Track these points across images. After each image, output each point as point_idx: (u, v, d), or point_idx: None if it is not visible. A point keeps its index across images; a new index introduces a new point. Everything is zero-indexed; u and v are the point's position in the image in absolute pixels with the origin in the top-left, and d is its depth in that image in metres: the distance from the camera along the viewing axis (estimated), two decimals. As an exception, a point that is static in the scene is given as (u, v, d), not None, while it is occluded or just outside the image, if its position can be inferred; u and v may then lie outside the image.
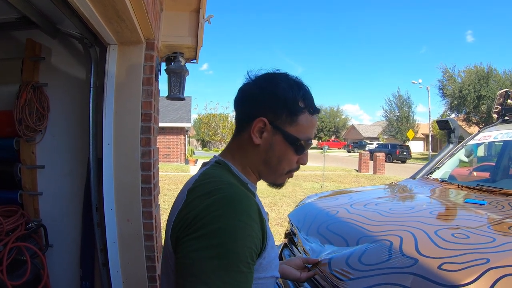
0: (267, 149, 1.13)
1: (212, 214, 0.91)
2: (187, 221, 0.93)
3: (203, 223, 0.90)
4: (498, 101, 4.18)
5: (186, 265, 0.88)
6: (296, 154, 1.14)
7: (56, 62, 2.96)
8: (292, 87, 1.12)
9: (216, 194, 0.96)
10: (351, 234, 2.06)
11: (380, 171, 21.18)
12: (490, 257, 1.49)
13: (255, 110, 1.12)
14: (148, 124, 2.77)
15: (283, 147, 1.12)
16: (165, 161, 24.71)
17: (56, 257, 2.96)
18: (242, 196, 0.97)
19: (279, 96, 1.10)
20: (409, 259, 1.61)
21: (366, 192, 3.35)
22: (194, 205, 0.96)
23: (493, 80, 35.07)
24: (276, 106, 1.10)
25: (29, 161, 2.89)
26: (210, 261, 0.85)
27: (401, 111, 51.97)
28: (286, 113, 1.10)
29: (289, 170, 1.18)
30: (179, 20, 3.52)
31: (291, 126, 1.11)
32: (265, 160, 1.14)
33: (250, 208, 0.95)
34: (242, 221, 0.91)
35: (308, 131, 1.14)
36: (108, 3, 2.00)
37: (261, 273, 1.02)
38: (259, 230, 0.95)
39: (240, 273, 0.87)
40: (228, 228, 0.89)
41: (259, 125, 1.10)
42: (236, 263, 0.87)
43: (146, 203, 2.78)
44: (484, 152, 5.20)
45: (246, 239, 0.90)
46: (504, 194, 2.65)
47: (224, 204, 0.93)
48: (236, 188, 1.00)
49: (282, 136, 1.11)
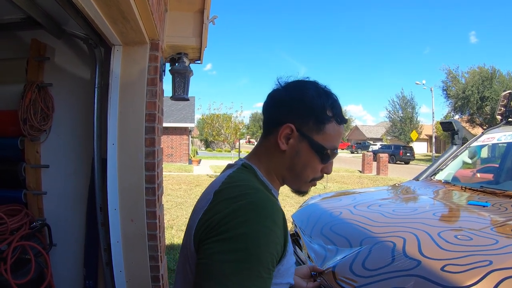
0: (293, 156, 1.13)
1: (238, 219, 0.91)
2: (212, 224, 0.93)
3: (228, 227, 0.90)
4: (502, 102, 4.17)
5: (207, 267, 0.89)
6: (321, 162, 1.15)
7: (61, 62, 2.97)
8: (320, 95, 1.13)
9: (243, 199, 0.96)
10: (355, 235, 2.06)
11: (384, 172, 21.15)
12: (493, 259, 1.49)
13: (283, 116, 1.12)
14: (153, 124, 2.78)
15: (309, 155, 1.12)
16: (169, 161, 24.74)
17: (60, 256, 2.97)
18: (268, 202, 0.97)
19: (308, 104, 1.11)
20: (412, 261, 1.61)
21: (370, 193, 3.35)
22: (220, 208, 0.96)
23: (497, 81, 34.97)
24: (304, 113, 1.11)
25: (34, 161, 2.91)
26: (232, 265, 0.86)
27: (404, 112, 51.79)
28: (313, 120, 1.11)
29: (313, 178, 1.18)
30: (184, 21, 3.53)
31: (318, 134, 1.11)
32: (290, 166, 1.14)
33: (275, 214, 0.95)
34: (267, 227, 0.92)
35: (334, 141, 1.15)
36: (113, 4, 2.01)
37: (278, 279, 1.02)
38: (282, 236, 0.96)
39: (260, 278, 0.88)
40: (252, 233, 0.89)
41: (286, 131, 1.11)
42: (257, 268, 0.88)
43: (150, 203, 2.79)
44: (487, 153, 5.20)
45: (270, 245, 0.91)
46: (508, 196, 2.64)
47: (250, 209, 0.93)
48: (262, 193, 1.01)
49: (308, 144, 1.11)
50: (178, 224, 7.83)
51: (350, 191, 3.69)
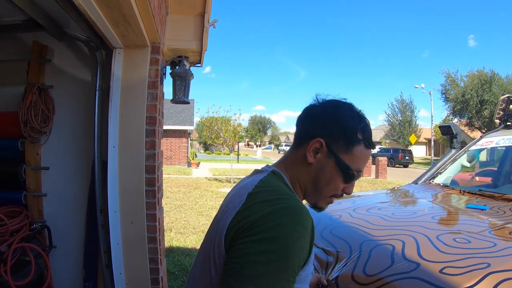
0: (318, 170, 1.16)
1: (274, 221, 0.94)
2: (247, 224, 0.96)
3: (263, 228, 0.93)
4: (500, 106, 4.19)
5: (239, 266, 0.92)
6: (344, 182, 1.18)
7: (62, 65, 2.98)
8: (354, 117, 1.17)
9: (279, 203, 0.99)
10: (354, 239, 2.07)
11: (382, 176, 21.14)
12: (491, 261, 1.50)
13: (315, 130, 1.16)
14: (153, 127, 2.79)
15: (334, 172, 1.15)
16: (168, 164, 24.71)
17: (60, 258, 2.97)
18: (301, 209, 1.00)
19: (341, 123, 1.15)
20: (411, 263, 1.63)
21: (369, 196, 3.37)
22: (256, 209, 0.99)
23: (496, 84, 34.97)
24: (335, 131, 1.14)
25: (34, 162, 2.91)
26: (263, 266, 0.89)
27: (403, 115, 51.77)
28: (343, 140, 1.14)
29: (333, 195, 1.21)
30: (184, 24, 3.54)
31: (345, 154, 1.14)
32: (314, 180, 1.18)
33: (307, 221, 0.98)
34: (299, 232, 0.95)
35: (360, 163, 1.17)
36: (115, 7, 2.02)
37: (299, 284, 1.03)
38: (309, 242, 0.99)
39: (287, 281, 0.91)
40: (286, 237, 0.92)
41: (315, 145, 1.14)
42: (286, 272, 0.91)
43: (150, 205, 2.79)
44: (486, 157, 5.21)
45: (300, 250, 0.94)
46: (506, 199, 2.66)
47: (287, 214, 0.96)
48: (296, 199, 1.05)
49: (334, 161, 1.14)
50: (177, 227, 7.82)
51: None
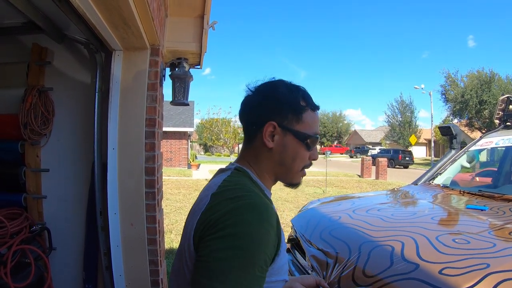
0: (281, 151, 1.18)
1: (237, 217, 0.96)
2: (211, 222, 0.97)
3: (227, 224, 0.95)
4: (500, 107, 4.19)
5: (206, 264, 0.93)
6: (308, 150, 1.21)
7: (62, 67, 2.98)
8: (291, 90, 1.21)
9: (240, 200, 1.01)
10: (354, 240, 2.08)
11: (383, 177, 21.14)
12: (490, 262, 1.51)
13: (262, 116, 1.18)
14: (153, 129, 2.79)
15: (296, 146, 1.18)
16: (168, 166, 24.71)
17: (60, 260, 2.97)
18: (264, 205, 1.02)
19: (282, 99, 1.18)
20: (410, 264, 1.63)
21: (369, 197, 3.37)
22: (219, 207, 1.00)
23: (496, 85, 34.98)
24: (281, 109, 1.17)
25: (34, 165, 2.91)
26: (229, 262, 0.90)
27: (403, 116, 51.84)
28: (291, 113, 1.17)
29: (304, 167, 1.24)
30: (184, 26, 3.54)
31: (298, 124, 1.18)
32: (280, 161, 1.20)
33: (271, 216, 1.00)
34: (264, 227, 0.97)
35: (314, 127, 1.21)
36: (115, 10, 2.03)
37: (273, 276, 1.06)
38: (276, 236, 1.01)
39: (254, 276, 0.92)
40: (251, 232, 0.94)
41: (269, 129, 1.16)
42: (253, 267, 0.92)
43: (150, 207, 2.80)
44: (486, 157, 5.21)
45: (266, 245, 0.96)
46: (506, 199, 2.66)
47: (250, 210, 0.98)
48: (258, 196, 1.06)
49: (292, 135, 1.17)
50: (177, 229, 7.81)
51: (349, 196, 3.70)
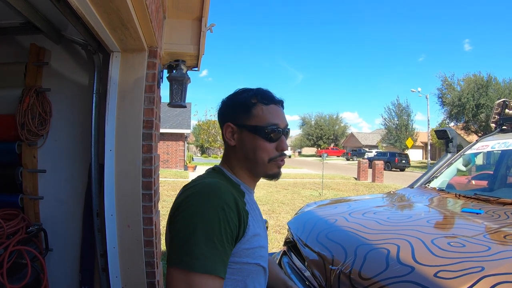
0: (242, 146, 1.31)
1: (193, 199, 1.11)
2: (176, 206, 1.15)
3: (185, 206, 1.11)
4: (496, 110, 4.22)
5: (172, 241, 1.09)
6: (268, 141, 1.29)
7: (59, 68, 2.98)
8: (243, 91, 1.36)
9: (198, 185, 1.18)
10: (350, 243, 2.08)
11: (379, 179, 21.15)
12: (485, 265, 1.51)
13: (223, 120, 1.35)
14: (150, 131, 2.80)
15: (252, 139, 1.29)
16: (164, 167, 24.65)
17: (56, 261, 2.97)
18: (217, 186, 1.16)
19: (233, 102, 1.35)
20: (405, 267, 1.63)
21: (365, 200, 3.37)
22: (183, 194, 1.18)
23: (492, 88, 35.08)
24: (234, 109, 1.33)
25: (31, 165, 2.91)
26: (189, 236, 1.04)
27: (400, 119, 51.96)
28: (242, 111, 1.31)
29: (271, 158, 1.31)
30: (182, 28, 3.55)
31: (250, 119, 1.30)
32: (245, 156, 1.32)
33: (226, 197, 1.13)
34: (216, 206, 1.09)
35: (268, 118, 1.30)
36: (113, 12, 2.03)
37: (244, 258, 1.17)
38: (236, 217, 1.12)
39: (215, 248, 1.05)
40: (203, 210, 1.08)
41: (228, 130, 1.33)
42: (211, 239, 1.04)
43: (147, 209, 2.80)
44: (482, 160, 5.23)
45: (222, 220, 1.07)
46: (501, 203, 2.67)
47: (203, 191, 1.13)
48: (214, 181, 1.20)
49: (246, 130, 1.30)
50: (173, 230, 7.79)
51: (345, 199, 3.70)
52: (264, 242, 1.28)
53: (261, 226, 1.29)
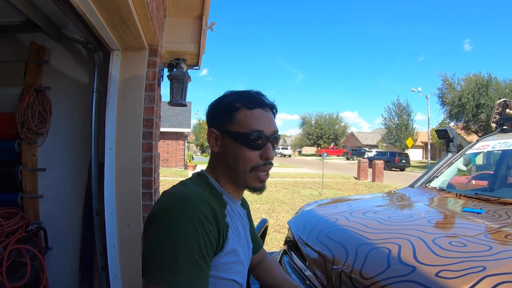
0: (224, 153, 1.24)
1: (169, 211, 1.05)
2: (152, 216, 1.08)
3: (161, 218, 1.04)
4: (496, 110, 4.21)
5: (146, 254, 1.04)
6: (250, 149, 1.21)
7: (59, 66, 2.98)
8: (227, 95, 1.29)
9: (175, 195, 1.12)
10: (351, 242, 2.07)
11: (379, 179, 21.14)
12: (487, 265, 1.51)
13: (208, 125, 1.29)
14: (150, 129, 2.79)
15: (234, 145, 1.22)
16: (164, 166, 24.66)
17: (56, 260, 2.97)
18: (195, 199, 1.09)
19: (216, 106, 1.29)
20: (407, 267, 1.63)
21: (365, 200, 3.36)
22: (158, 204, 1.12)
23: (493, 88, 35.06)
24: (216, 114, 1.28)
25: (31, 164, 2.90)
26: (169, 251, 0.99)
27: (400, 119, 51.94)
28: (224, 116, 1.24)
29: (253, 167, 1.22)
30: (182, 27, 3.54)
31: (232, 124, 1.22)
32: (227, 163, 1.25)
33: (201, 208, 1.06)
34: (193, 217, 1.03)
35: (251, 124, 1.22)
36: (114, 10, 2.03)
37: (220, 272, 1.14)
38: (215, 229, 1.08)
39: (193, 262, 1.00)
40: (180, 223, 1.02)
41: (211, 135, 1.26)
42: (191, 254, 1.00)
43: (147, 208, 2.79)
44: (482, 160, 5.22)
45: (198, 233, 1.02)
46: (502, 203, 2.66)
47: (179, 203, 1.07)
48: (193, 192, 1.13)
49: (228, 136, 1.22)
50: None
51: (346, 198, 3.69)
52: (243, 257, 1.23)
53: (242, 239, 1.26)
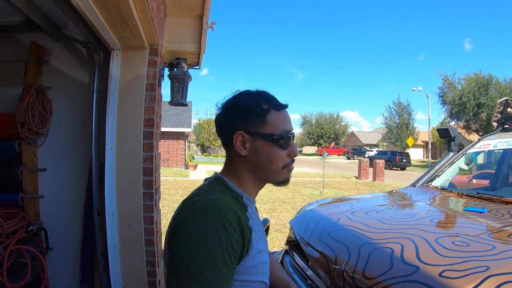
0: (255, 156, 1.23)
1: (193, 219, 1.05)
2: (175, 225, 1.08)
3: (185, 227, 1.04)
4: (498, 109, 4.20)
5: (173, 263, 1.02)
6: (282, 148, 1.24)
7: (60, 66, 2.97)
8: (251, 96, 1.27)
9: (199, 203, 1.10)
10: (353, 242, 2.07)
11: (380, 178, 21.15)
12: (490, 264, 1.50)
13: (230, 129, 1.25)
14: (151, 129, 2.78)
15: (268, 148, 1.23)
16: (165, 166, 24.66)
17: (56, 260, 2.96)
18: (220, 205, 1.09)
19: (244, 108, 1.24)
20: (410, 267, 1.62)
21: (367, 199, 3.36)
22: (183, 211, 1.11)
23: (493, 88, 35.09)
24: (244, 117, 1.24)
25: (31, 164, 2.90)
26: (189, 260, 0.98)
27: (401, 118, 51.98)
28: (255, 118, 1.23)
29: (284, 165, 1.26)
30: (183, 26, 3.53)
31: (264, 127, 1.22)
32: (258, 165, 1.25)
33: (225, 215, 1.06)
34: (217, 226, 1.03)
35: (282, 125, 1.25)
36: (114, 9, 2.02)
37: (247, 276, 1.12)
38: (239, 236, 1.06)
39: (219, 271, 0.99)
40: (204, 231, 1.01)
41: (239, 138, 1.23)
42: (212, 263, 0.99)
43: (148, 208, 2.78)
44: (484, 159, 5.21)
45: (223, 242, 1.01)
46: (504, 202, 2.65)
47: (204, 211, 1.06)
48: (217, 199, 1.13)
49: (261, 139, 1.22)
50: (174, 229, 7.78)
51: (347, 198, 3.69)
52: (266, 257, 1.25)
53: (263, 239, 1.26)
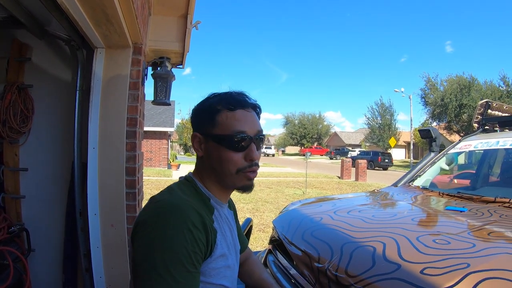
0: (208, 156, 1.24)
1: (157, 219, 1.05)
2: (138, 224, 1.09)
3: (149, 228, 1.04)
4: (478, 111, 4.28)
5: (135, 264, 1.04)
6: (234, 150, 1.20)
7: (42, 64, 2.93)
8: (208, 98, 1.29)
9: (162, 202, 1.12)
10: (336, 241, 2.08)
11: (362, 178, 21.32)
12: (470, 261, 1.53)
13: (193, 129, 1.30)
14: (134, 128, 2.77)
15: (217, 149, 1.21)
16: (147, 166, 24.48)
17: (39, 261, 2.92)
18: (182, 205, 1.10)
19: (198, 110, 1.29)
20: (392, 265, 1.64)
21: (349, 199, 3.38)
22: (146, 210, 1.13)
23: (475, 89, 35.67)
24: (198, 119, 1.28)
25: (12, 164, 2.85)
26: (160, 261, 0.98)
27: (383, 119, 52.48)
28: (206, 119, 1.24)
29: (239, 169, 1.22)
30: (167, 25, 3.52)
31: (214, 127, 1.21)
32: (212, 167, 1.25)
33: (189, 216, 1.06)
34: (181, 226, 1.03)
35: (234, 126, 1.20)
36: (99, 7, 2.01)
37: (209, 278, 1.15)
38: (203, 236, 1.08)
39: (186, 271, 1.00)
40: (169, 232, 1.01)
41: (195, 140, 1.27)
42: (182, 263, 1.00)
43: (131, 208, 2.77)
44: (464, 160, 5.30)
45: (185, 242, 1.02)
46: (484, 201, 2.70)
47: (167, 211, 1.06)
48: (179, 199, 1.14)
49: (212, 140, 1.22)
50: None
51: (330, 197, 3.71)
52: (231, 261, 1.24)
53: (230, 244, 1.26)
